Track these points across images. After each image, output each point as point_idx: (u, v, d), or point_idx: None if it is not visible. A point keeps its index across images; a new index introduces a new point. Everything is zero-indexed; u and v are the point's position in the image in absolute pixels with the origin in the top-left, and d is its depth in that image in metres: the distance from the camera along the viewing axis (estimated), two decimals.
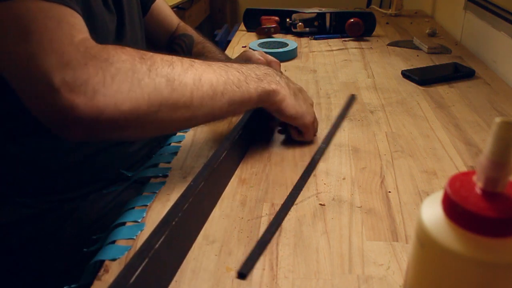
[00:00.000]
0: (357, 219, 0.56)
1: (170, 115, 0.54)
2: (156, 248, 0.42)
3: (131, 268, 0.40)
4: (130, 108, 0.50)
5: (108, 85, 0.48)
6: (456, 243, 0.30)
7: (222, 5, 2.62)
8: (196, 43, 0.98)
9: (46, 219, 0.72)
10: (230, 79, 0.59)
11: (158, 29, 0.98)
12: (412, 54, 1.22)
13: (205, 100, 0.56)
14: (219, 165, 0.59)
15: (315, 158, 0.68)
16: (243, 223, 0.55)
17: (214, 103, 0.57)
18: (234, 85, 0.59)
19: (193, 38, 0.99)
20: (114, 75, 0.49)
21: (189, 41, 0.98)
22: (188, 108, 0.54)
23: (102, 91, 0.48)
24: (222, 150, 0.60)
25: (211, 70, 0.58)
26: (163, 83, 0.52)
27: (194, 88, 0.54)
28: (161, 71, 0.52)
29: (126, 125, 0.51)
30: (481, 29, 1.20)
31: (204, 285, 0.46)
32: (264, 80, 0.64)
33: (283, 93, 0.66)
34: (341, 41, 1.34)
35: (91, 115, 0.48)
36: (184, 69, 0.54)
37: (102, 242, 0.56)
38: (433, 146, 0.73)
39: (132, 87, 0.49)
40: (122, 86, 0.49)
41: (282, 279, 0.47)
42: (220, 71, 0.59)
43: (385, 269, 0.48)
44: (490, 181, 0.30)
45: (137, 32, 0.83)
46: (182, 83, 0.53)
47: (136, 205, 0.59)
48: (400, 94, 0.94)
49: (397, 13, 1.67)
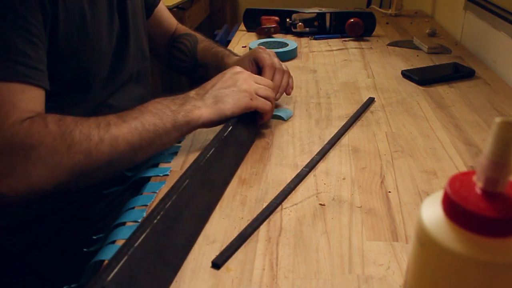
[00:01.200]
0: (357, 219, 0.56)
1: (93, 178, 0.60)
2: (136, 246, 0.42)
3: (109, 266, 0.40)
4: (52, 186, 0.56)
5: (30, 171, 0.54)
6: (456, 243, 0.30)
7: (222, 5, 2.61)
8: (200, 41, 0.99)
9: (47, 219, 0.72)
10: (146, 128, 0.61)
11: (159, 31, 0.99)
12: (412, 54, 1.22)
13: (124, 157, 0.60)
14: (207, 162, 0.58)
15: (315, 158, 0.68)
16: (243, 223, 0.55)
17: (132, 157, 0.61)
18: (151, 133, 0.62)
19: (197, 37, 1.00)
20: (36, 161, 0.54)
21: (193, 40, 0.99)
22: (109, 167, 0.60)
23: (25, 178, 0.54)
24: (210, 148, 0.61)
25: (126, 126, 0.60)
26: (81, 159, 0.57)
27: (112, 151, 0.59)
28: (80, 148, 0.57)
29: (52, 194, 0.57)
30: (481, 29, 1.20)
31: (204, 285, 0.46)
32: (181, 112, 0.64)
33: (202, 114, 0.66)
34: (341, 41, 1.34)
35: (15, 198, 0.54)
36: (100, 137, 0.58)
37: (102, 242, 0.56)
38: (433, 146, 0.73)
39: (53, 169, 0.55)
40: (43, 170, 0.55)
41: (282, 279, 0.47)
42: (135, 124, 0.61)
43: (385, 269, 0.48)
44: (490, 181, 0.30)
45: (141, 36, 0.84)
46: (99, 152, 0.58)
47: (136, 205, 0.59)
48: (400, 94, 0.94)
49: (397, 13, 1.67)
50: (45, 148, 0.55)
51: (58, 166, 0.55)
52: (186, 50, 0.98)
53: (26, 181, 0.54)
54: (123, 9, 0.77)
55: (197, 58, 0.97)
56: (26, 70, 0.57)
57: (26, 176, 0.54)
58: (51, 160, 0.55)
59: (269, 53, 0.84)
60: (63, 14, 0.62)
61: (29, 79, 0.57)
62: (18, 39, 0.56)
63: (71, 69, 0.67)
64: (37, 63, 0.59)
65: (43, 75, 0.60)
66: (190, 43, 0.98)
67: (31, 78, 0.57)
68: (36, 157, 0.54)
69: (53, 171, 0.55)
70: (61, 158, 0.55)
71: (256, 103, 0.70)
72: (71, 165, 0.56)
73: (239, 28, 1.51)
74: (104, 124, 0.59)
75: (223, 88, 0.69)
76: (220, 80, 0.70)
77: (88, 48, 0.68)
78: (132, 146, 0.60)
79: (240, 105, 0.68)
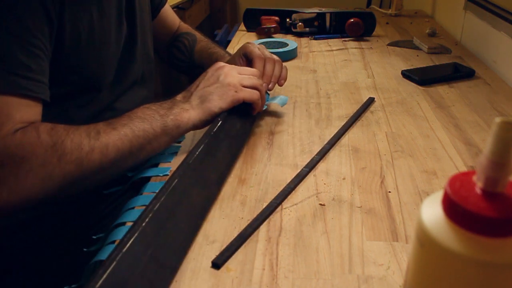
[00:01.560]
0: (357, 219, 0.56)
1: (84, 186, 0.60)
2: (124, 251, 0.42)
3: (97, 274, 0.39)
4: (44, 195, 0.56)
5: (22, 183, 0.55)
6: (456, 243, 0.30)
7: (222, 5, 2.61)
8: (198, 41, 0.99)
9: (47, 220, 0.72)
10: (135, 134, 0.61)
11: (163, 30, 1.00)
12: (412, 54, 1.22)
13: (115, 164, 0.61)
14: (196, 160, 0.58)
15: (315, 158, 0.68)
16: (243, 223, 0.55)
17: (123, 163, 0.62)
18: (141, 138, 0.62)
19: (196, 37, 1.00)
20: (28, 172, 0.55)
21: (192, 39, 0.99)
22: (100, 175, 0.60)
23: (17, 190, 0.54)
24: (199, 145, 0.60)
25: (116, 134, 0.60)
26: (72, 169, 0.57)
27: (103, 159, 0.59)
28: (70, 158, 0.57)
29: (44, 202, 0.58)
30: (481, 29, 1.20)
31: (204, 285, 0.46)
32: (170, 116, 0.64)
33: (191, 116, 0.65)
34: (341, 41, 1.34)
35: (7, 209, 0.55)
36: (91, 146, 0.58)
37: (102, 242, 0.56)
38: (433, 146, 0.73)
39: (44, 179, 0.56)
40: (35, 181, 0.55)
41: (282, 279, 0.47)
42: (125, 131, 0.61)
43: (385, 269, 0.48)
44: (490, 181, 0.30)
45: (147, 39, 0.84)
46: (90, 161, 0.58)
47: (136, 205, 0.59)
48: (400, 94, 0.94)
49: (397, 13, 1.67)
50: (36, 160, 0.55)
51: (49, 177, 0.56)
52: (184, 49, 0.98)
53: (17, 192, 0.55)
54: (132, 13, 0.77)
55: (194, 59, 0.97)
56: (27, 83, 0.57)
57: (17, 187, 0.54)
58: (43, 171, 0.55)
59: (259, 46, 0.83)
60: (69, 22, 0.63)
61: (29, 92, 0.58)
62: (21, 51, 0.57)
63: (77, 74, 0.67)
64: (38, 75, 0.59)
65: (43, 86, 0.60)
66: (189, 42, 0.98)
67: (31, 90, 0.58)
68: (28, 168, 0.55)
69: (44, 182, 0.56)
70: (52, 169, 0.56)
71: (242, 95, 0.69)
72: (62, 175, 0.56)
73: (239, 28, 1.51)
74: (94, 133, 0.59)
75: (206, 87, 0.69)
76: (203, 79, 0.70)
77: (95, 54, 0.68)
78: (122, 152, 0.60)
79: (226, 99, 0.68)
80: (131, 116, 0.63)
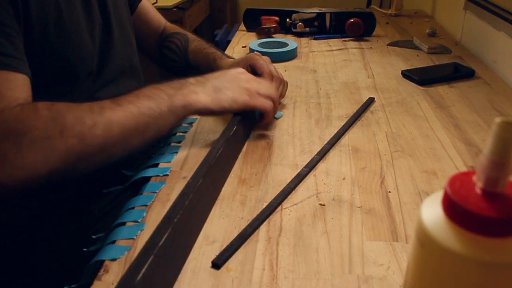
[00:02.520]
0: (357, 219, 0.56)
1: (88, 163, 0.58)
2: (160, 245, 0.43)
3: (137, 266, 0.40)
4: (47, 171, 0.54)
5: (24, 157, 0.53)
6: (456, 243, 0.30)
7: (222, 5, 2.62)
8: (191, 41, 0.98)
9: (47, 219, 0.72)
10: (141, 112, 0.61)
11: (146, 29, 0.98)
12: (412, 54, 1.22)
13: (119, 142, 0.59)
14: (216, 161, 0.59)
15: (315, 158, 0.68)
16: (243, 223, 0.55)
17: (128, 142, 0.61)
18: (146, 116, 0.61)
19: (188, 37, 0.98)
20: (29, 146, 0.53)
21: (183, 39, 0.97)
22: (104, 152, 0.59)
23: (19, 164, 0.53)
24: (218, 147, 0.61)
25: (121, 110, 0.59)
26: (75, 143, 0.56)
27: (107, 135, 0.58)
28: (73, 131, 0.56)
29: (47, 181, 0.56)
30: (481, 29, 1.20)
31: (204, 285, 0.46)
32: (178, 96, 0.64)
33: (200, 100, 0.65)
34: (341, 41, 1.34)
35: (11, 185, 0.53)
36: (94, 120, 0.57)
37: (102, 242, 0.56)
38: (433, 146, 0.73)
39: (47, 154, 0.54)
40: (37, 155, 0.54)
41: (282, 279, 0.47)
42: (130, 108, 0.60)
43: (385, 269, 0.48)
44: (490, 181, 0.30)
45: (127, 31, 0.83)
46: (94, 135, 0.57)
47: (136, 205, 0.59)
48: (400, 94, 0.94)
49: (397, 13, 1.67)
50: (36, 132, 0.54)
51: (51, 150, 0.54)
52: (177, 49, 0.97)
53: (20, 167, 0.53)
54: (103, 4, 0.76)
55: (188, 59, 0.96)
56: (5, 59, 0.57)
57: (20, 161, 0.53)
58: (44, 144, 0.54)
59: (265, 60, 0.84)
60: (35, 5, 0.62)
61: (10, 67, 0.57)
62: None
63: (54, 62, 0.66)
64: (14, 52, 0.58)
65: (23, 63, 0.59)
66: (181, 42, 0.97)
67: (12, 66, 0.57)
68: (28, 142, 0.53)
69: (47, 155, 0.54)
70: (54, 142, 0.54)
71: (255, 102, 0.70)
72: (64, 149, 0.55)
73: (239, 28, 1.51)
74: (98, 108, 0.58)
75: (224, 82, 0.69)
76: (223, 74, 0.71)
77: (68, 41, 0.67)
78: (127, 130, 0.59)
79: (238, 100, 0.68)
80: (137, 94, 0.62)
